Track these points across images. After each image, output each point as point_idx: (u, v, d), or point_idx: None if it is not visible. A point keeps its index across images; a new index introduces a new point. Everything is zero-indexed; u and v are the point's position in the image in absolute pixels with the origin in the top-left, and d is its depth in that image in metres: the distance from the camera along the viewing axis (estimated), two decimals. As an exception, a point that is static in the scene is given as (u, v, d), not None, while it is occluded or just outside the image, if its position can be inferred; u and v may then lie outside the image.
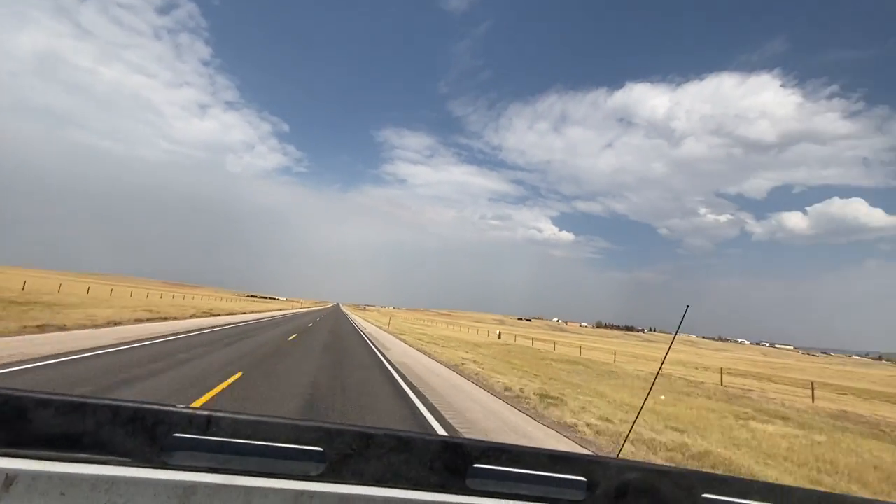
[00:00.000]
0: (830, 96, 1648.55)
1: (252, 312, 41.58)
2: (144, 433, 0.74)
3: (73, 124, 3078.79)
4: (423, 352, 20.54)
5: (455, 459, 0.82)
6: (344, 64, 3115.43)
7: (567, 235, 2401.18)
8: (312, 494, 0.77)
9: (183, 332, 15.45)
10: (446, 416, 7.35)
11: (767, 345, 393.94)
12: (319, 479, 0.78)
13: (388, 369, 12.70)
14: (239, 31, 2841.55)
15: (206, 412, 0.78)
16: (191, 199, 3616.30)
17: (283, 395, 7.28)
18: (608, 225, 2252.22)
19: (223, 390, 7.04)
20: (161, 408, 0.77)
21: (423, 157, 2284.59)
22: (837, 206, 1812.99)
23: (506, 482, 0.84)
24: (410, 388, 9.74)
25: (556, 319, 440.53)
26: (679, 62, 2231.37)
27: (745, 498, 0.88)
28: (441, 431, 6.39)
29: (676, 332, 1.77)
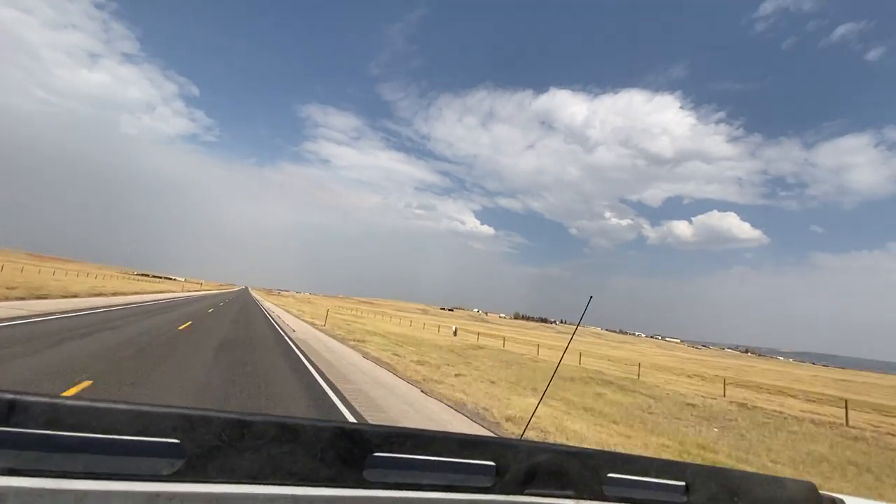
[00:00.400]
0: (718, 121, 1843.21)
1: (128, 294, 31.03)
2: None
3: None
4: (409, 379, 11.32)
5: (351, 448, 0.71)
6: (267, 30, 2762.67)
7: (487, 229, 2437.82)
8: (170, 496, 0.59)
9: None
10: None
11: (660, 338, 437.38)
12: (176, 478, 0.61)
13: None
14: None
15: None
16: (72, 159, 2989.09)
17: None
18: (525, 222, 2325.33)
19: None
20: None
21: (349, 138, 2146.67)
22: (716, 218, 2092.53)
23: (409, 471, 0.75)
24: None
25: (476, 310, 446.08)
26: (598, 74, 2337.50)
27: (645, 475, 0.90)
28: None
29: (580, 321, 1.81)
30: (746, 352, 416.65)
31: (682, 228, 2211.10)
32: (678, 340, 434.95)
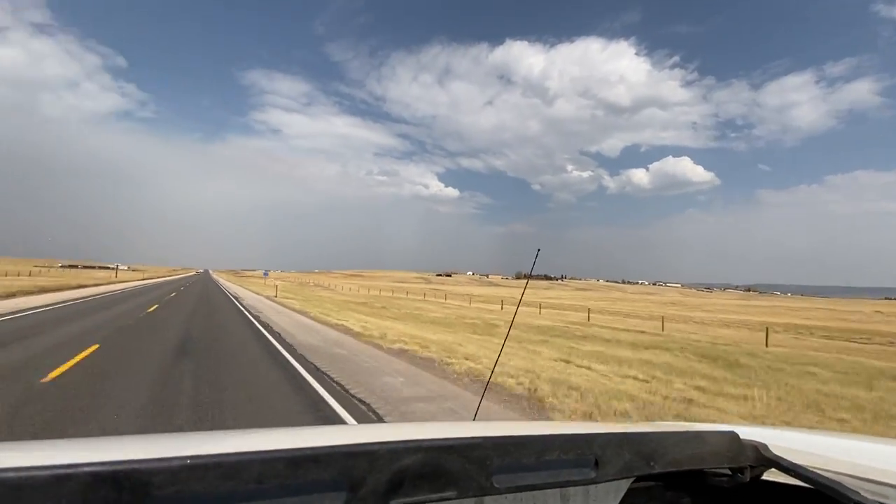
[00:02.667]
0: (672, 66, 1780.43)
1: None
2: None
3: None
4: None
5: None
6: None
7: (452, 191, 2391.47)
8: None
9: None
10: None
11: (662, 284, 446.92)
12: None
13: None
14: None
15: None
16: None
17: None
18: (489, 181, 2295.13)
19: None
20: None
21: (299, 104, 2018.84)
22: (671, 164, 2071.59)
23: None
24: None
25: (470, 273, 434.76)
26: (554, 23, 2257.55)
27: (543, 456, 0.76)
28: None
29: (530, 273, 1.83)
30: (749, 290, 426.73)
31: (639, 176, 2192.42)
32: (679, 285, 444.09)
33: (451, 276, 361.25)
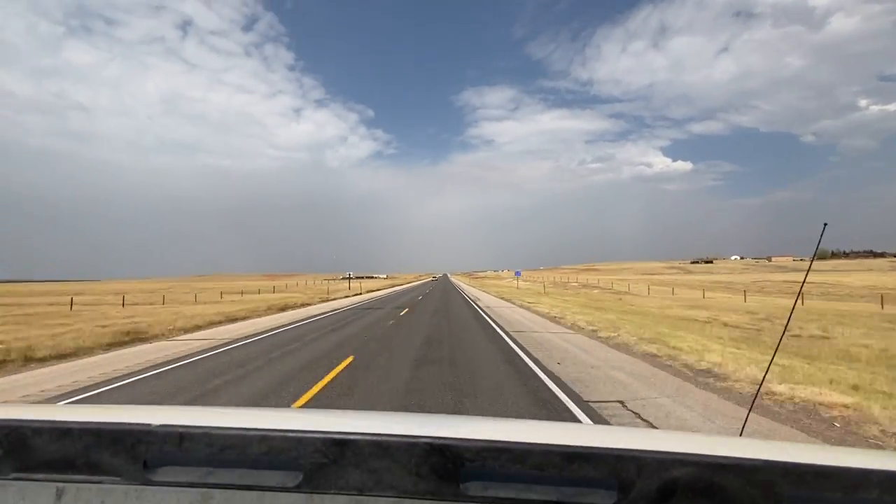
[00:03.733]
0: None
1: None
2: (126, 453, 0.76)
3: (200, 151, 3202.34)
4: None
5: (444, 462, 0.69)
6: (413, 34, 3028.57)
7: (683, 165, 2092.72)
8: None
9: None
10: None
11: None
12: (297, 489, 0.72)
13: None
14: (313, 29, 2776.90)
15: (181, 427, 0.77)
16: (298, 196, 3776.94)
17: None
18: (732, 144, 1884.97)
19: None
20: (137, 427, 0.78)
21: (506, 111, 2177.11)
22: None
23: (512, 485, 0.69)
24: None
25: (736, 257, 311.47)
26: None
27: (853, 491, 0.60)
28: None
29: (814, 255, 1.63)
30: None
31: None
32: None
33: (711, 262, 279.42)
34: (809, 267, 1.81)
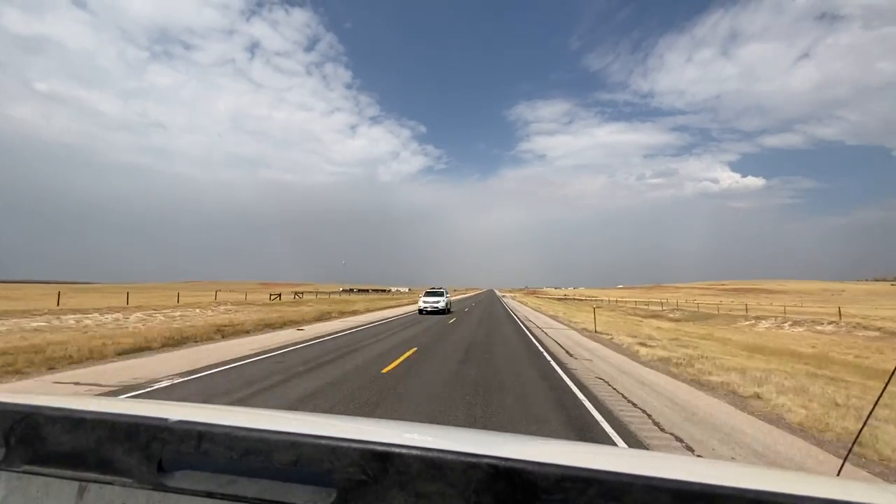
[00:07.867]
0: None
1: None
2: (140, 451, 0.69)
3: (262, 166, 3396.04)
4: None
5: (513, 493, 0.56)
6: (467, 50, 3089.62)
7: (754, 181, 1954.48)
8: None
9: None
10: None
11: None
12: None
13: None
14: (370, 48, 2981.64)
15: (200, 425, 0.68)
16: (350, 211, 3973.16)
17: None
18: (811, 159, 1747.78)
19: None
20: (153, 422, 0.70)
21: (560, 125, 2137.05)
22: None
23: None
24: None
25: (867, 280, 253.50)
26: None
27: None
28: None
29: None
30: None
31: None
32: None
33: (869, 283, 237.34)
34: None
